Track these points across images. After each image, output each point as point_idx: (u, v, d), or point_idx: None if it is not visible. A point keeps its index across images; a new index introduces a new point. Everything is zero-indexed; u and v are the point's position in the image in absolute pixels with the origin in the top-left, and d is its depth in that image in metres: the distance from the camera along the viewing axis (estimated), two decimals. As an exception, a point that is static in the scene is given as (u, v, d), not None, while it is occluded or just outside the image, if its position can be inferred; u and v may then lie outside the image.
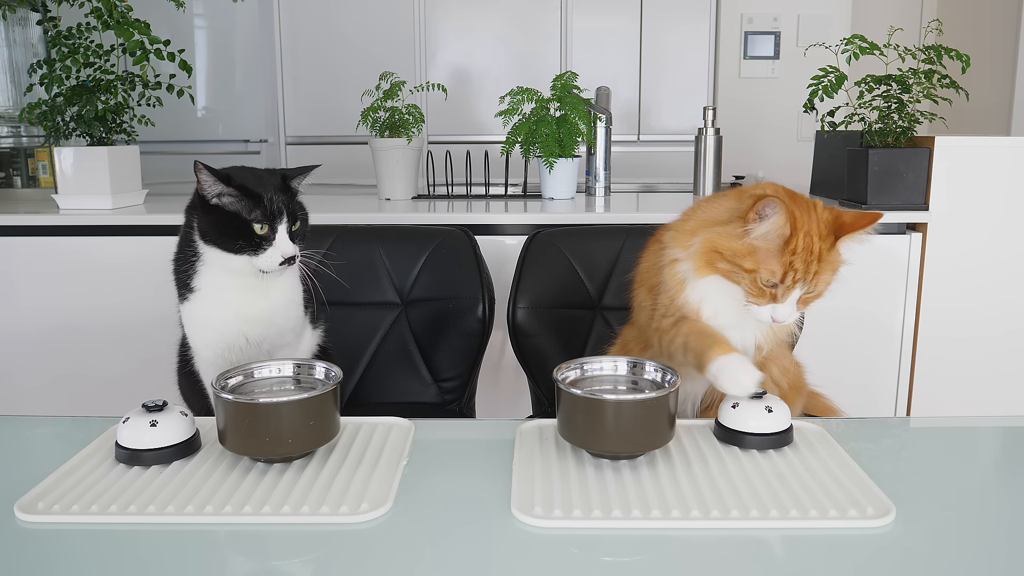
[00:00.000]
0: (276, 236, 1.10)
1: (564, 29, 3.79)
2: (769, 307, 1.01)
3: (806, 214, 1.01)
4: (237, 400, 0.89)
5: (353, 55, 3.82)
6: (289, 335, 1.21)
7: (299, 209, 1.15)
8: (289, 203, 1.12)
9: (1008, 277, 2.10)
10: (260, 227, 1.09)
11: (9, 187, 2.72)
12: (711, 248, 1.03)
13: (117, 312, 2.10)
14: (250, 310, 1.16)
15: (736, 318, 1.06)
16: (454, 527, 0.79)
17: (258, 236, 1.09)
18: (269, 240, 1.10)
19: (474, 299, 1.60)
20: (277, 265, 1.10)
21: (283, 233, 1.10)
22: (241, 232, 1.09)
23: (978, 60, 2.52)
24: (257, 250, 1.10)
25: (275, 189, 1.11)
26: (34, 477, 0.88)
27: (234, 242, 1.09)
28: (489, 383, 2.10)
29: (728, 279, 1.02)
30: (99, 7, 2.06)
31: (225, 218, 1.09)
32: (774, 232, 0.99)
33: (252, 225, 1.09)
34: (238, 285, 1.14)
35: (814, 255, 1.00)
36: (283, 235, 1.10)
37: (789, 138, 3.86)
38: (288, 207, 1.11)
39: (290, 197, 1.13)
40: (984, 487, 0.89)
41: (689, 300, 1.07)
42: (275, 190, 1.11)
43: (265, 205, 1.09)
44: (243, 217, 1.09)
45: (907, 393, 2.16)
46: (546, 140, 2.25)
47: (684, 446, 0.96)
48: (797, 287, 1.00)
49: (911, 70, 1.97)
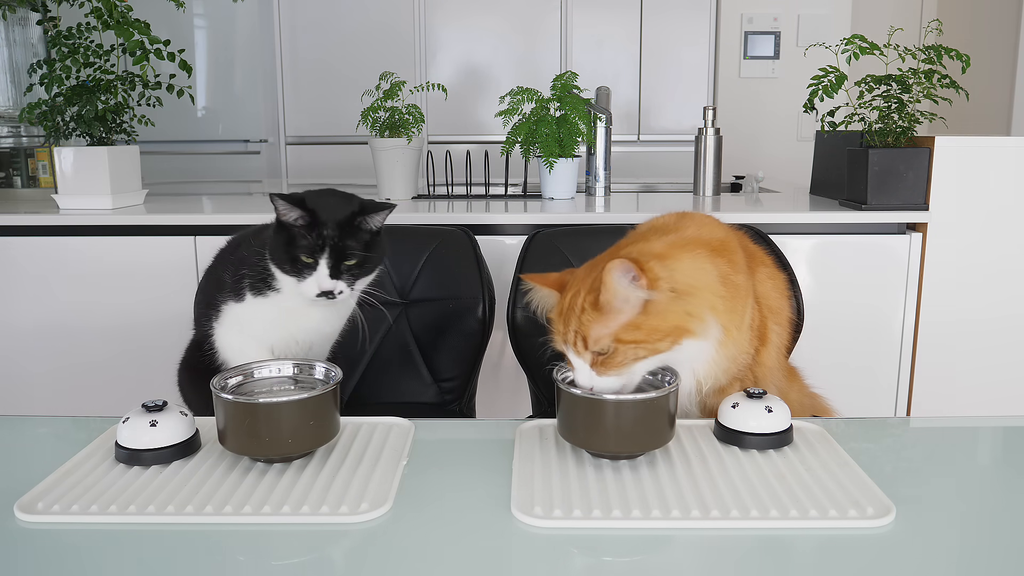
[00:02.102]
0: (317, 268, 1.11)
1: (564, 29, 3.79)
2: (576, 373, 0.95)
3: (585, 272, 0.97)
4: (237, 400, 0.89)
5: (353, 55, 3.82)
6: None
7: (360, 247, 1.12)
8: (342, 239, 1.11)
9: (1008, 277, 2.10)
10: (306, 256, 1.10)
11: (9, 187, 2.72)
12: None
13: (117, 312, 2.10)
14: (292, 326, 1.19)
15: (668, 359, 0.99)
16: (454, 527, 0.79)
17: (303, 263, 1.11)
18: (313, 269, 1.11)
19: (474, 299, 1.60)
20: (314, 296, 1.12)
21: (323, 267, 1.10)
22: (292, 255, 1.11)
23: (978, 60, 2.52)
24: (299, 276, 1.11)
25: (335, 225, 1.10)
26: (34, 477, 0.88)
27: (283, 263, 1.12)
28: (489, 383, 2.10)
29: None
30: (99, 7, 2.06)
31: (286, 237, 1.12)
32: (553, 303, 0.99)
33: (300, 255, 1.10)
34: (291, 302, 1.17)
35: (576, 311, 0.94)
36: (323, 269, 1.10)
37: (789, 138, 3.87)
38: (338, 243, 1.10)
39: (350, 233, 1.12)
40: (984, 487, 0.89)
41: None
42: (335, 226, 1.10)
43: (312, 238, 1.10)
44: (296, 243, 1.11)
45: (907, 393, 2.16)
46: (546, 140, 2.25)
47: (684, 446, 0.96)
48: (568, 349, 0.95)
49: (911, 70, 1.97)
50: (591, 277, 0.95)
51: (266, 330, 1.20)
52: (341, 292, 1.12)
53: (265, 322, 1.19)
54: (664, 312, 0.92)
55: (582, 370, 0.93)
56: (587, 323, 0.92)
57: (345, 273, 1.12)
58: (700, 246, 1.01)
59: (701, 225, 1.09)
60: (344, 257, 1.11)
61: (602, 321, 0.92)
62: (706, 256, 0.99)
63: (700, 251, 1.00)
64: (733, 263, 1.03)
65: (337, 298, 1.12)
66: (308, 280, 1.11)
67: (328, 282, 1.11)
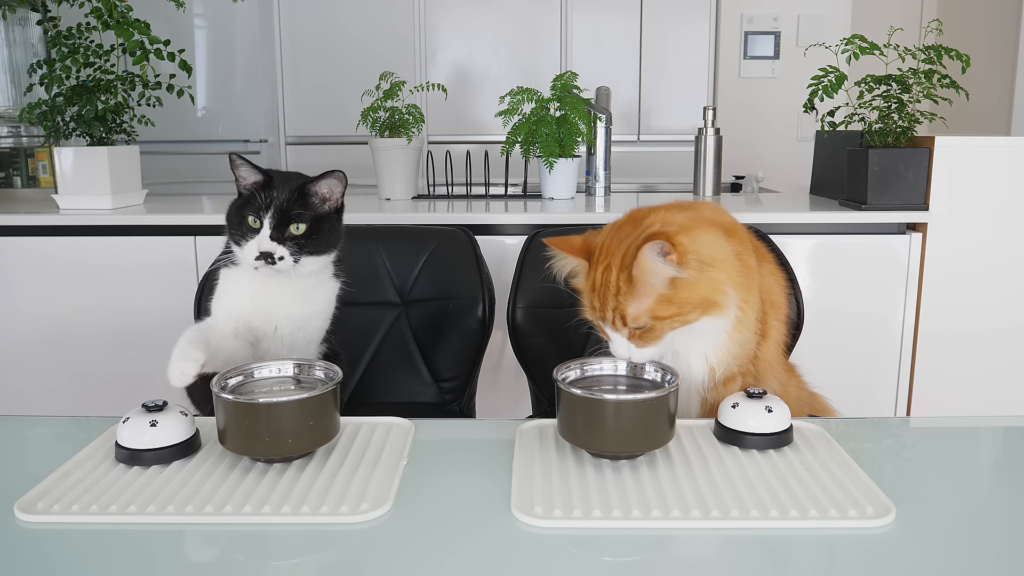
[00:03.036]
0: (260, 231, 1.10)
1: (564, 29, 3.79)
2: (613, 345, 1.00)
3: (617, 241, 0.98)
4: (237, 400, 0.89)
5: (353, 55, 3.82)
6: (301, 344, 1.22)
7: (309, 217, 1.12)
8: (288, 202, 1.11)
9: (1008, 277, 2.10)
10: (253, 218, 1.10)
11: (9, 187, 2.72)
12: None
13: (117, 312, 2.10)
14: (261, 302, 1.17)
15: (680, 343, 1.04)
16: (454, 527, 0.79)
17: (248, 227, 1.10)
18: (257, 232, 1.10)
19: (474, 299, 1.60)
20: (254, 258, 1.10)
21: (266, 228, 1.09)
22: (241, 217, 1.11)
23: (978, 60, 2.52)
24: (245, 239, 1.11)
25: (285, 189, 1.11)
26: (34, 477, 0.88)
27: (234, 229, 1.13)
28: (489, 383, 2.10)
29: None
30: (99, 7, 2.06)
31: (240, 203, 1.13)
32: (577, 270, 1.01)
33: (247, 216, 1.10)
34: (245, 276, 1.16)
35: (611, 289, 0.97)
36: (265, 230, 1.09)
37: (789, 138, 3.87)
38: (284, 206, 1.10)
39: (299, 200, 1.12)
40: (984, 487, 0.89)
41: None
42: (284, 190, 1.11)
43: (261, 198, 1.10)
44: (247, 207, 1.11)
45: (907, 393, 2.16)
46: (546, 140, 2.25)
47: (684, 446, 0.96)
48: (606, 323, 0.98)
49: (911, 70, 1.97)
50: (621, 251, 0.96)
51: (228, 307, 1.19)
52: (282, 258, 1.10)
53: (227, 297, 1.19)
54: (693, 284, 0.96)
55: (620, 343, 0.98)
56: (624, 302, 0.95)
57: (289, 241, 1.10)
58: (715, 225, 1.04)
59: (715, 210, 1.13)
60: (289, 220, 1.10)
61: (638, 299, 0.95)
62: (721, 234, 1.03)
63: (716, 228, 1.03)
64: (743, 244, 1.07)
65: (278, 265, 1.10)
66: (251, 242, 1.10)
67: (268, 243, 1.09)
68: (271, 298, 1.17)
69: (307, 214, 1.12)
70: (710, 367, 1.06)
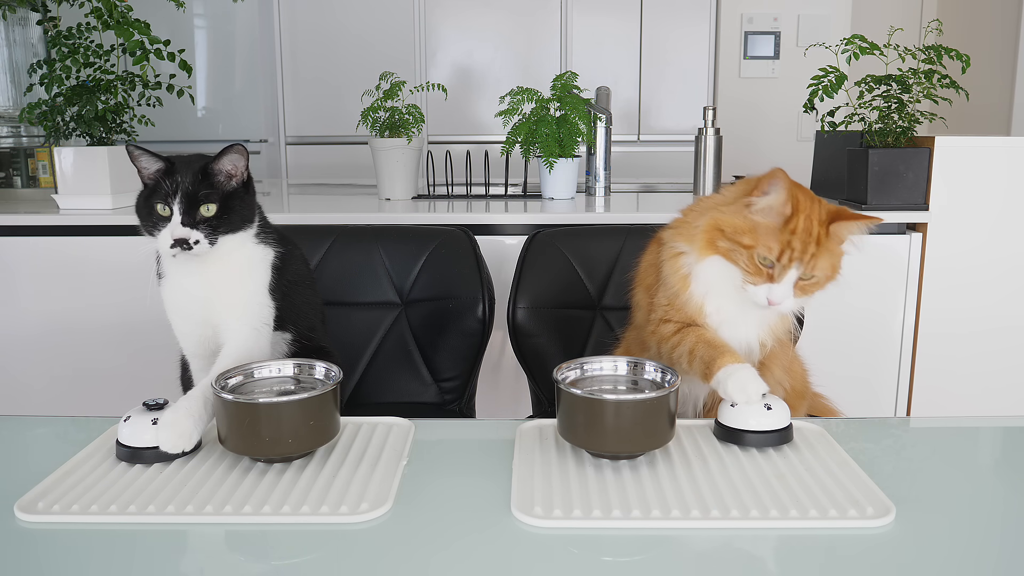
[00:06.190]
0: (172, 218, 1.08)
1: (564, 29, 3.79)
2: (765, 287, 1.01)
3: (809, 199, 1.03)
4: (237, 400, 0.89)
5: (353, 55, 3.82)
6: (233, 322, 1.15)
7: (217, 197, 1.09)
8: (195, 185, 1.08)
9: (1008, 277, 2.10)
10: (161, 206, 1.08)
11: (9, 187, 2.72)
12: (714, 226, 1.04)
13: (117, 312, 2.10)
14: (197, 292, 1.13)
15: (738, 313, 1.06)
16: (454, 527, 0.79)
17: (158, 216, 1.08)
18: (168, 220, 1.08)
19: (474, 299, 1.60)
20: (169, 246, 1.07)
21: (176, 214, 1.07)
22: (150, 208, 1.09)
23: (978, 60, 2.52)
24: (157, 229, 1.09)
25: (188, 172, 1.08)
26: (34, 477, 0.88)
27: (145, 222, 1.10)
28: (489, 383, 2.10)
29: (727, 259, 1.03)
30: (99, 7, 2.06)
31: (146, 194, 1.10)
32: (776, 209, 1.01)
33: (156, 205, 1.08)
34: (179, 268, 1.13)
35: (812, 237, 1.01)
36: (176, 216, 1.07)
37: (789, 138, 3.87)
38: (191, 189, 1.07)
39: (204, 181, 1.09)
40: (984, 487, 0.89)
41: (693, 295, 1.06)
42: (188, 173, 1.08)
43: (167, 185, 1.07)
44: (154, 196, 1.09)
45: (907, 392, 2.16)
46: (546, 140, 2.25)
47: (684, 446, 0.96)
48: (793, 267, 1.00)
49: (911, 70, 1.97)
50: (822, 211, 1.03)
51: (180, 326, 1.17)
52: (197, 242, 1.08)
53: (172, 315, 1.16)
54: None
55: (781, 289, 1.01)
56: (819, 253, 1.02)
57: (202, 224, 1.08)
58: None
59: None
60: (198, 202, 1.08)
61: (831, 253, 1.03)
62: None
63: None
64: None
65: (195, 249, 1.08)
66: (163, 231, 1.08)
67: (180, 229, 1.07)
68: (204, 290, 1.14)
69: (215, 193, 1.10)
70: (760, 342, 1.10)
